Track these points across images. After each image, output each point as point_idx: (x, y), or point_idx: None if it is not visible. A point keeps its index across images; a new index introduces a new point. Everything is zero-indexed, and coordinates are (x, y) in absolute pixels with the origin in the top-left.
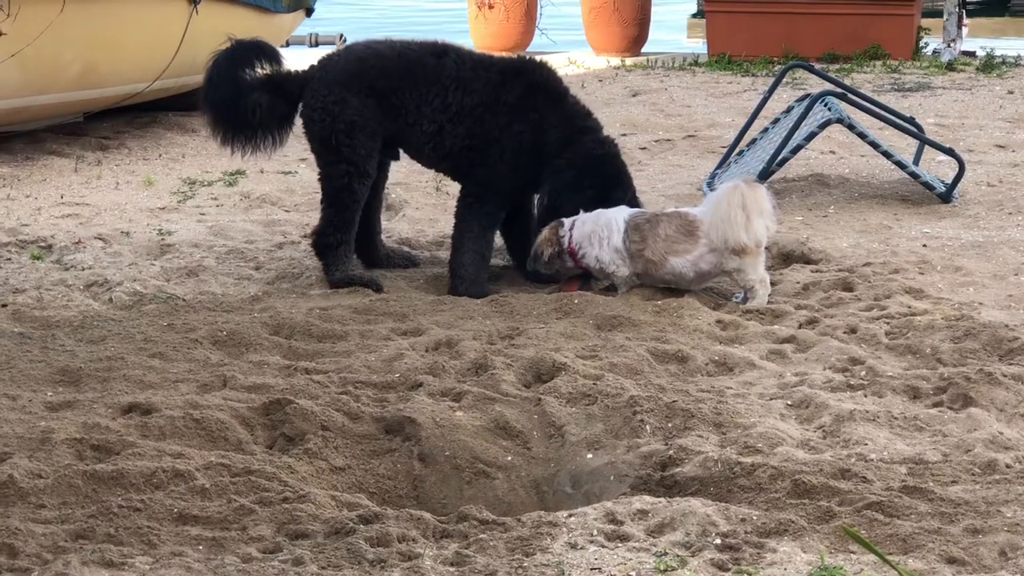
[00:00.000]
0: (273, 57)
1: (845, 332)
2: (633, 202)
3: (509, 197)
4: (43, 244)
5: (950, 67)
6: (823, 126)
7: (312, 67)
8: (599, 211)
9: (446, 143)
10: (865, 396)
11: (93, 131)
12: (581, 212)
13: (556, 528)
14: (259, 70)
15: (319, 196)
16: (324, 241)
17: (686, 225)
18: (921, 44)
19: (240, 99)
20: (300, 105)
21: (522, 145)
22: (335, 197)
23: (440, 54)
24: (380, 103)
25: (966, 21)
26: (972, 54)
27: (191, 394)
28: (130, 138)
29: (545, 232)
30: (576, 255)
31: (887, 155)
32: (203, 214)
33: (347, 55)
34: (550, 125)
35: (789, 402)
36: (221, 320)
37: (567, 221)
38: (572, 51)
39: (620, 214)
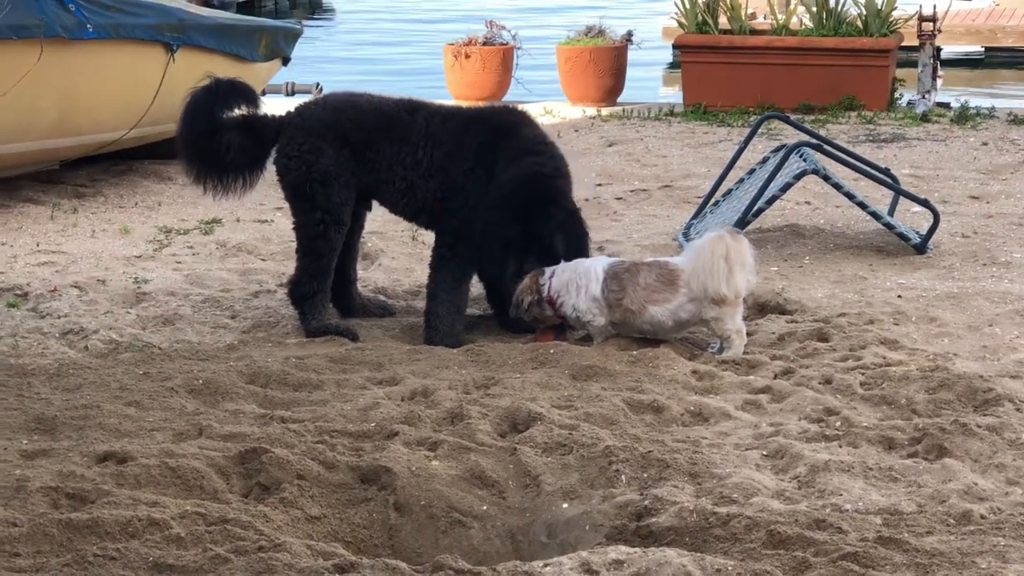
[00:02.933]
0: (250, 98)
1: (820, 383)
2: (569, 224)
3: None
4: (19, 292)
5: (925, 118)
6: (798, 177)
7: (288, 114)
8: (579, 260)
9: (419, 197)
10: (840, 446)
11: (69, 179)
12: (561, 262)
13: None
14: (236, 110)
15: (295, 245)
16: (300, 290)
17: (666, 274)
18: (896, 95)
19: (214, 136)
20: (273, 151)
21: (485, 189)
22: (310, 246)
23: (412, 111)
24: (355, 155)
25: (940, 72)
26: (947, 105)
27: (167, 443)
28: (106, 186)
29: (526, 280)
30: (555, 304)
31: (862, 206)
32: (179, 262)
33: (324, 105)
34: (502, 160)
35: (764, 452)
36: (197, 369)
37: (547, 270)
38: (548, 101)
39: (599, 263)
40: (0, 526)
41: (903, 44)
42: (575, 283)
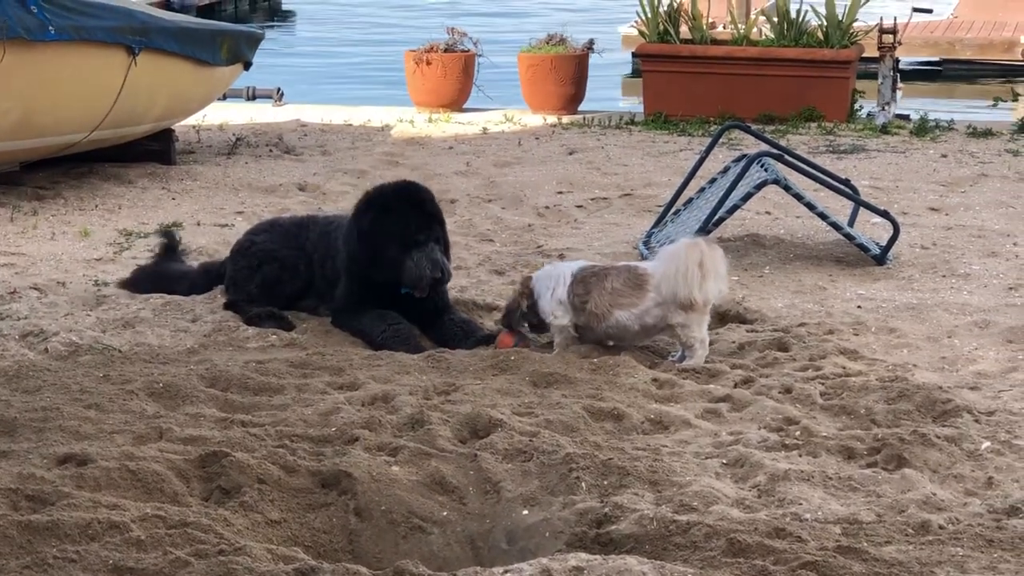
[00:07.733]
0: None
1: (780, 392)
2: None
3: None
4: None
5: (884, 130)
6: (759, 187)
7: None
8: (555, 263)
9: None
10: (800, 456)
11: (29, 181)
12: (545, 265)
13: None
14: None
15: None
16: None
17: (634, 278)
18: (856, 107)
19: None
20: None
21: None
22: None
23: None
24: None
25: (900, 85)
26: (906, 117)
27: (127, 445)
28: (67, 188)
29: (518, 287)
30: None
31: (822, 216)
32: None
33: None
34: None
35: (724, 461)
36: (157, 372)
37: (533, 275)
38: (509, 108)
39: (571, 267)
40: None
41: (863, 56)
42: (546, 285)
